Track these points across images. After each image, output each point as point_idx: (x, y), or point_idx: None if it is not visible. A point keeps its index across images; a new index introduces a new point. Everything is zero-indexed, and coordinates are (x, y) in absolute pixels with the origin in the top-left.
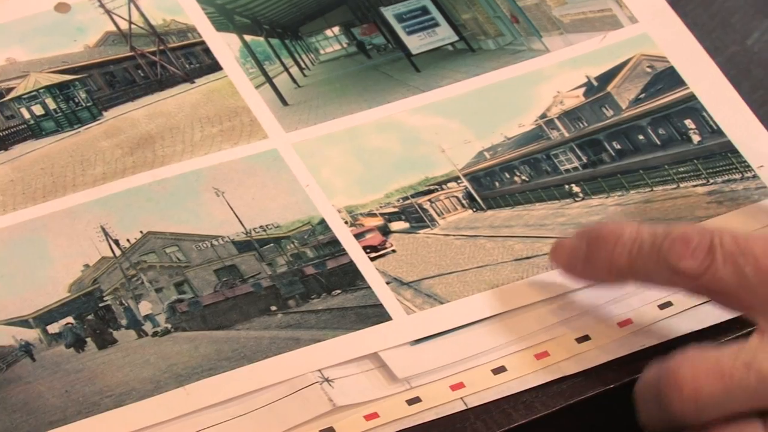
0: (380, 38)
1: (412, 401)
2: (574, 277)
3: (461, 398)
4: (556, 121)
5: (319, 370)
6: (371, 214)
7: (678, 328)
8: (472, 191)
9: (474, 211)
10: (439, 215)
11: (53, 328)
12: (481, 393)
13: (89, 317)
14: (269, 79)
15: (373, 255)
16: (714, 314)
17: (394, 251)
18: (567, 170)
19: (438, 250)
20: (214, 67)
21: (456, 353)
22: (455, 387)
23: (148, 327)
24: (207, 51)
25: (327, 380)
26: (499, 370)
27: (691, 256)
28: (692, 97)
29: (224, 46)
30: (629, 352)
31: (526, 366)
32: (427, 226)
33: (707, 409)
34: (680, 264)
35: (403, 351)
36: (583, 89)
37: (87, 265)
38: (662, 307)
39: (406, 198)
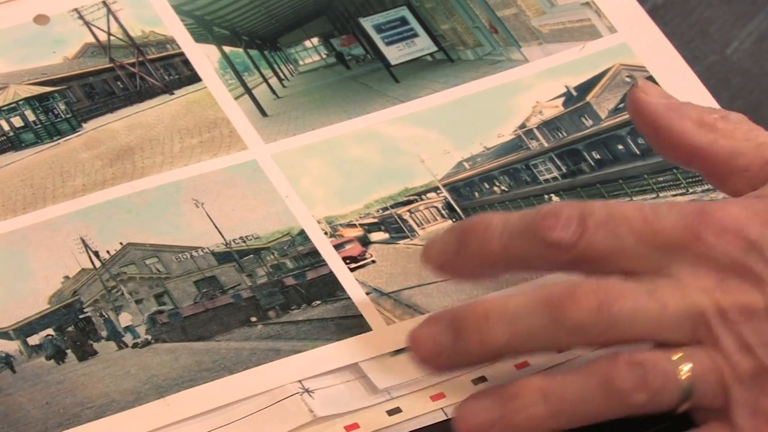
0: (359, 49)
1: (392, 412)
2: (449, 275)
3: (442, 408)
4: (536, 131)
5: (300, 381)
6: (351, 225)
7: None
8: (452, 201)
9: (453, 222)
10: (418, 226)
11: (33, 339)
12: None
13: (69, 329)
14: (248, 90)
15: (352, 266)
16: None
17: (374, 262)
18: (546, 180)
19: (418, 261)
20: (193, 78)
21: None
22: (436, 397)
23: (128, 338)
24: (186, 62)
25: (307, 391)
26: (479, 381)
27: (562, 228)
28: None
29: (203, 57)
30: None
31: (507, 376)
32: (407, 237)
33: (612, 328)
34: (552, 236)
35: (384, 361)
36: (562, 99)
37: (67, 277)
38: None
39: (386, 208)
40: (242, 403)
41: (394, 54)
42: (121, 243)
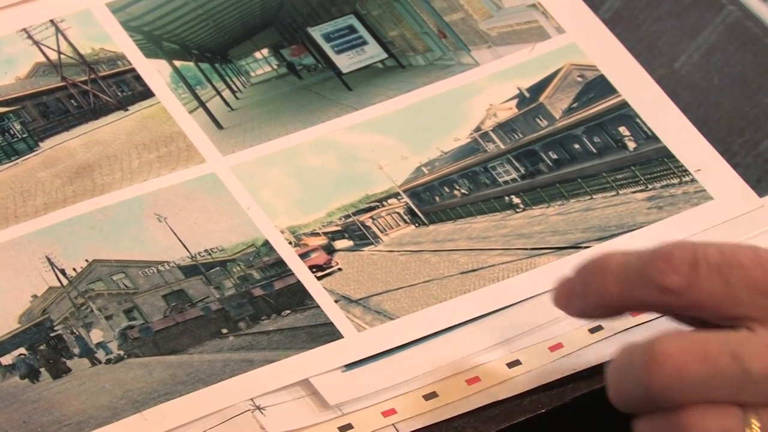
0: (310, 58)
1: (344, 428)
2: (576, 315)
3: (393, 425)
4: (491, 134)
5: (251, 399)
6: (314, 234)
7: (607, 351)
8: (413, 207)
9: (416, 227)
10: (382, 232)
11: (6, 359)
12: (413, 419)
13: (41, 347)
14: (202, 104)
15: (319, 274)
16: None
17: (340, 269)
18: (506, 182)
19: (384, 267)
20: (146, 93)
21: (387, 379)
22: (387, 413)
23: (101, 354)
24: (138, 78)
25: (259, 408)
26: (430, 396)
27: (674, 271)
28: (625, 105)
29: (155, 72)
30: (561, 376)
31: (458, 391)
32: (371, 243)
33: (687, 390)
34: (665, 281)
35: (335, 377)
36: (515, 101)
37: (35, 296)
38: (592, 331)
39: (348, 216)
40: (194, 424)
41: (345, 62)
42: (86, 260)
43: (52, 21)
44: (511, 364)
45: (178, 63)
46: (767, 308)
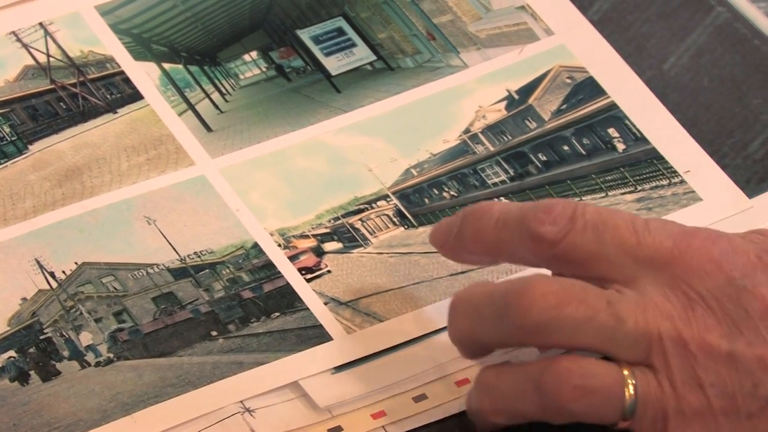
0: (299, 61)
1: (333, 430)
2: (448, 254)
3: (383, 426)
4: (480, 136)
5: (241, 401)
6: (304, 236)
7: None
8: (402, 209)
9: (405, 229)
10: (371, 234)
11: None
12: (403, 421)
13: (31, 350)
14: (191, 106)
15: (308, 276)
16: None
17: (329, 272)
18: (495, 184)
19: (373, 269)
20: (135, 96)
21: (377, 381)
22: (376, 415)
23: (90, 357)
24: (127, 80)
25: (248, 410)
26: (420, 398)
27: (551, 222)
28: (614, 106)
29: (144, 75)
30: None
31: (448, 393)
32: (360, 246)
33: (563, 330)
34: (540, 230)
35: (324, 379)
36: (504, 103)
37: (24, 299)
38: None
39: (337, 218)
40: (186, 425)
41: (334, 64)
42: (76, 263)
43: (41, 24)
44: None
45: (167, 65)
46: (635, 272)
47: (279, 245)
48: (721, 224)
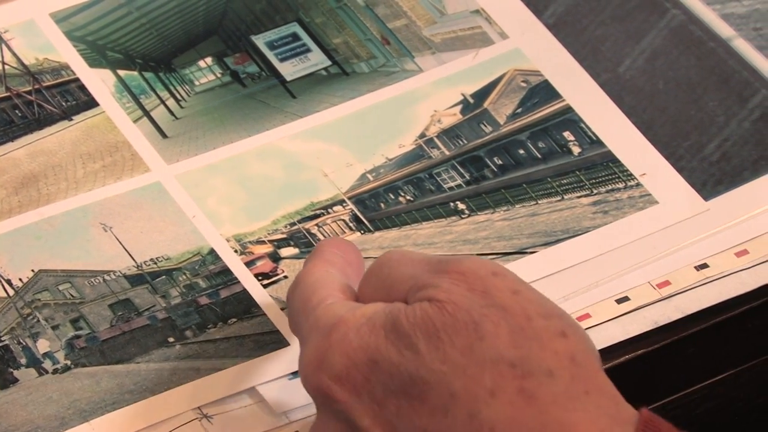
0: (254, 66)
1: None
2: None
3: None
4: (436, 140)
5: (198, 407)
6: (260, 242)
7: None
8: (359, 214)
9: (362, 234)
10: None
11: None
12: None
13: None
14: (146, 113)
15: (265, 282)
16: None
17: (286, 277)
18: (451, 188)
19: None
20: (91, 103)
21: None
22: None
23: (47, 364)
24: (82, 87)
25: (206, 416)
26: None
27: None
28: (569, 109)
29: (99, 81)
30: None
31: None
32: None
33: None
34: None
35: (281, 385)
36: (459, 107)
37: None
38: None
39: (294, 224)
40: None
41: (289, 70)
42: (32, 270)
43: None
44: None
45: (122, 72)
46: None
47: (235, 251)
48: (677, 227)
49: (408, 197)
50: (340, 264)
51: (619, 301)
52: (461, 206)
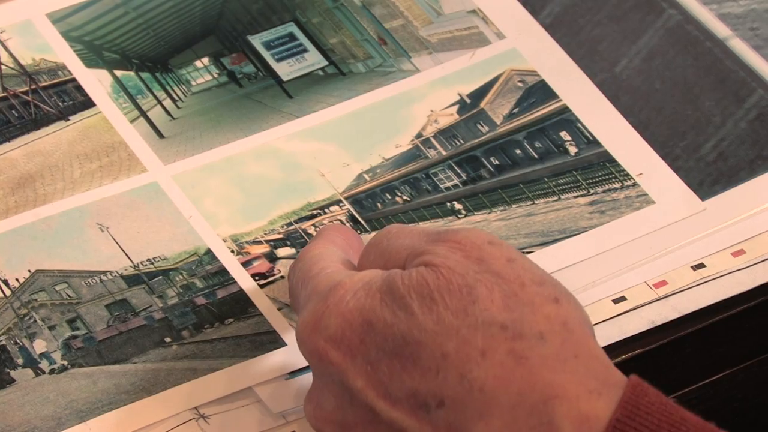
0: (250, 67)
1: None
2: None
3: None
4: (432, 140)
5: (195, 408)
6: (257, 242)
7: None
8: (355, 214)
9: (359, 234)
10: None
11: None
12: None
13: None
14: (143, 113)
15: (262, 282)
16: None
17: (282, 277)
18: (447, 188)
19: None
20: (88, 103)
21: None
22: None
23: (44, 365)
24: (79, 88)
25: (203, 416)
26: None
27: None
28: (566, 109)
29: (95, 82)
30: None
31: None
32: None
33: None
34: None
35: (278, 385)
36: (456, 107)
37: None
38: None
39: (290, 224)
40: None
41: (286, 70)
42: (29, 270)
43: None
44: None
45: (118, 73)
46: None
47: (232, 251)
48: (673, 227)
49: (405, 197)
50: (341, 243)
51: (616, 300)
52: (458, 206)
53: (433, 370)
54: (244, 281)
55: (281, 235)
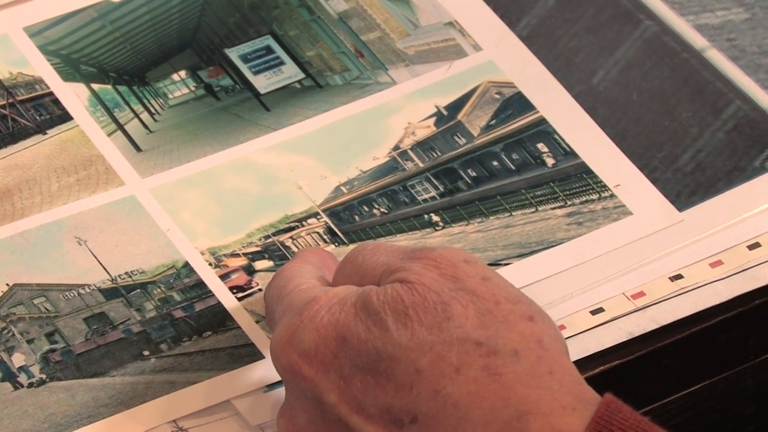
0: (227, 80)
1: None
2: None
3: None
4: (410, 152)
5: (174, 421)
6: (234, 255)
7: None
8: (333, 226)
9: (336, 246)
10: None
11: None
12: None
13: None
14: (120, 126)
15: (240, 295)
16: None
17: (260, 290)
18: (425, 200)
19: None
20: (65, 117)
21: None
22: None
23: (23, 378)
24: (56, 101)
25: (181, 429)
26: None
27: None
28: (543, 121)
29: (73, 95)
30: None
31: None
32: None
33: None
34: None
35: (257, 398)
36: (433, 119)
37: None
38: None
39: (268, 236)
40: None
41: (263, 83)
42: (7, 284)
43: None
44: None
45: (95, 86)
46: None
47: (210, 264)
48: (651, 238)
49: (382, 209)
50: (315, 262)
51: (594, 312)
52: (435, 218)
53: (407, 385)
54: (222, 294)
55: (259, 248)
